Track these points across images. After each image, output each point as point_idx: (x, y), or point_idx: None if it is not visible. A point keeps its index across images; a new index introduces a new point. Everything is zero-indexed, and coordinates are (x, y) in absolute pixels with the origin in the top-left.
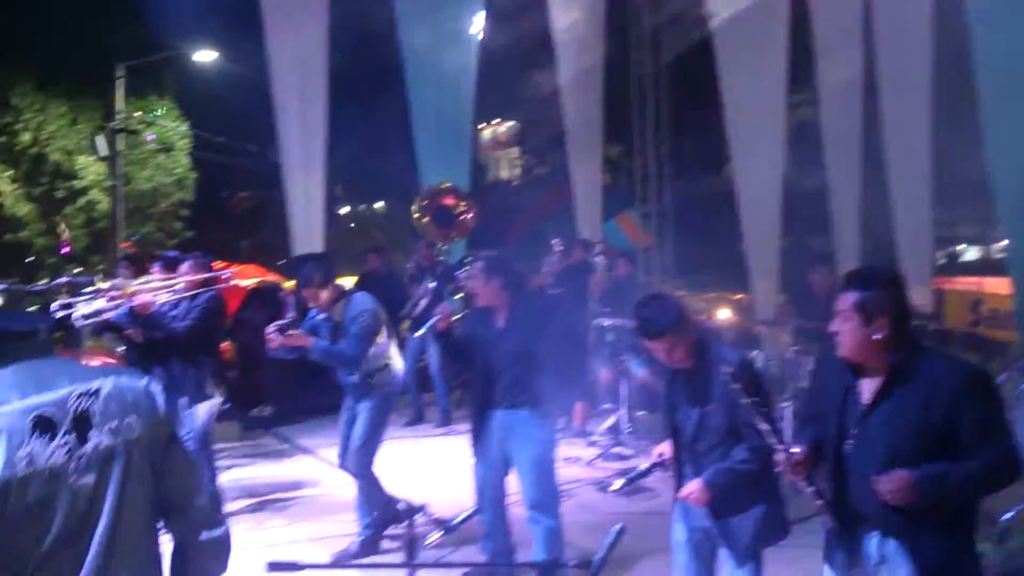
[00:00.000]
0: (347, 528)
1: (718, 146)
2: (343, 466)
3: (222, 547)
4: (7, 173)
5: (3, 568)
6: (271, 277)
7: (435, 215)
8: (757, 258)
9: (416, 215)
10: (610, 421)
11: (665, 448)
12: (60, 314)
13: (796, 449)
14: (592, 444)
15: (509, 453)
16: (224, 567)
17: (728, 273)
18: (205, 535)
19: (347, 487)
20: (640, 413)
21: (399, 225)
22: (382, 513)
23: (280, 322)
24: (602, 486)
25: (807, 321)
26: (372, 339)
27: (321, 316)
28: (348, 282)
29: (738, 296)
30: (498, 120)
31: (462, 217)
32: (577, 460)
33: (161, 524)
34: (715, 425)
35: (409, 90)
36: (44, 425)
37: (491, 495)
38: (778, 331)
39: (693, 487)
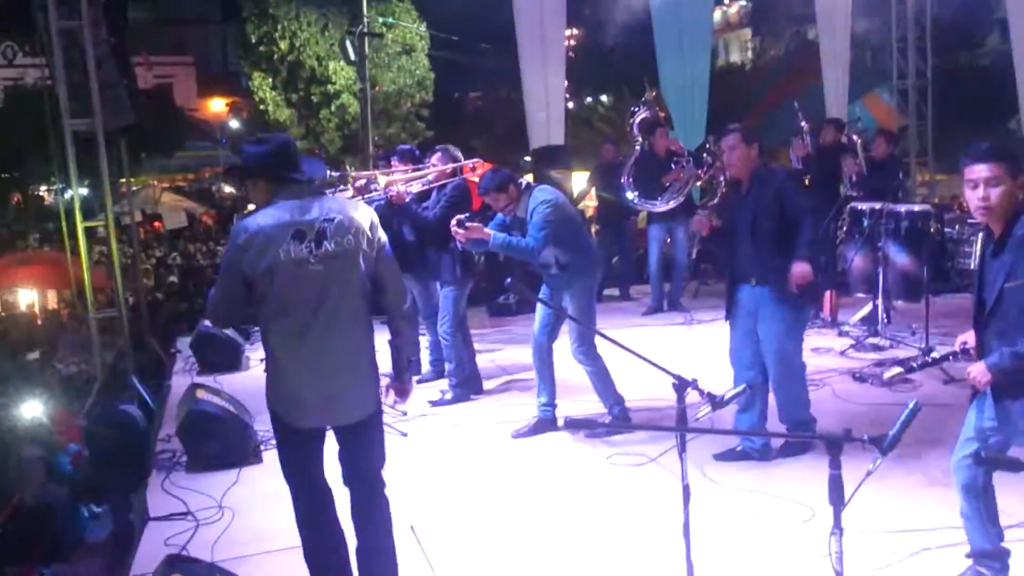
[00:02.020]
0: (594, 408)
1: (986, 14)
2: (538, 355)
3: (412, 323)
4: (268, 80)
5: (277, 309)
6: None
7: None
8: None
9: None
10: (864, 311)
11: (969, 337)
12: None
13: None
14: (844, 335)
15: (758, 326)
16: (415, 340)
17: None
18: (400, 312)
19: None
20: (898, 303)
21: (625, 117)
22: (615, 411)
23: (460, 216)
24: (857, 376)
25: None
26: (554, 229)
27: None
28: (581, 176)
29: None
30: (728, 0)
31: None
32: (829, 350)
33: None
34: (1015, 304)
35: None
36: (298, 235)
37: (746, 365)
38: None
39: (974, 368)
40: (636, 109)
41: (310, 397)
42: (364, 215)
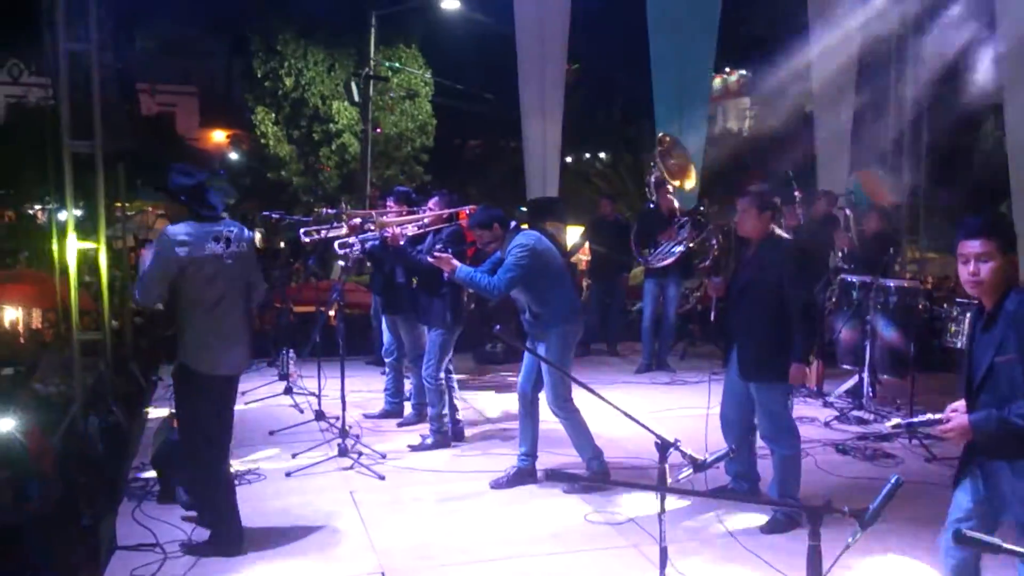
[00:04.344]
0: (575, 461)
1: (982, 99)
2: (522, 404)
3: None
4: (271, 115)
5: (202, 287)
6: None
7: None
8: None
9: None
10: (850, 383)
11: (960, 407)
12: (305, 240)
13: None
14: (828, 405)
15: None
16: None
17: None
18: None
19: None
20: (884, 377)
21: (623, 174)
22: (593, 465)
23: (439, 246)
24: (840, 448)
25: None
26: (526, 274)
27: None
28: (575, 230)
29: None
30: (728, 69)
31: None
32: (813, 421)
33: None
34: (1006, 378)
35: (651, 40)
36: (215, 239)
37: (736, 418)
38: None
39: (955, 421)
40: (653, 165)
41: (219, 350)
42: (249, 235)
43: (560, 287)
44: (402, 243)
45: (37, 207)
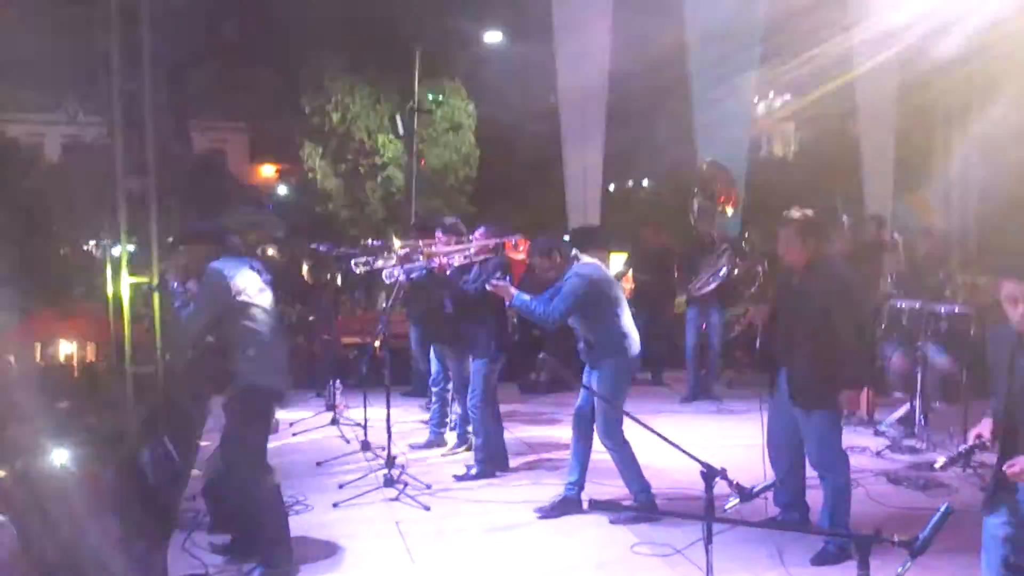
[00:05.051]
0: (618, 492)
1: None
2: (577, 426)
3: None
4: (318, 150)
5: (263, 312)
6: None
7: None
8: None
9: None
10: (901, 411)
11: (984, 430)
12: (360, 269)
13: None
14: (880, 434)
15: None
16: None
17: None
18: None
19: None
20: (936, 405)
21: (666, 202)
22: (640, 499)
23: (496, 275)
24: (892, 478)
25: None
26: (581, 303)
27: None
28: (619, 258)
29: None
30: (772, 94)
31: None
32: (864, 450)
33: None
34: None
35: (691, 65)
36: (255, 270)
37: (784, 447)
38: None
39: (1021, 463)
40: (695, 192)
41: (279, 365)
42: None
43: (615, 318)
44: (449, 273)
45: (92, 242)
